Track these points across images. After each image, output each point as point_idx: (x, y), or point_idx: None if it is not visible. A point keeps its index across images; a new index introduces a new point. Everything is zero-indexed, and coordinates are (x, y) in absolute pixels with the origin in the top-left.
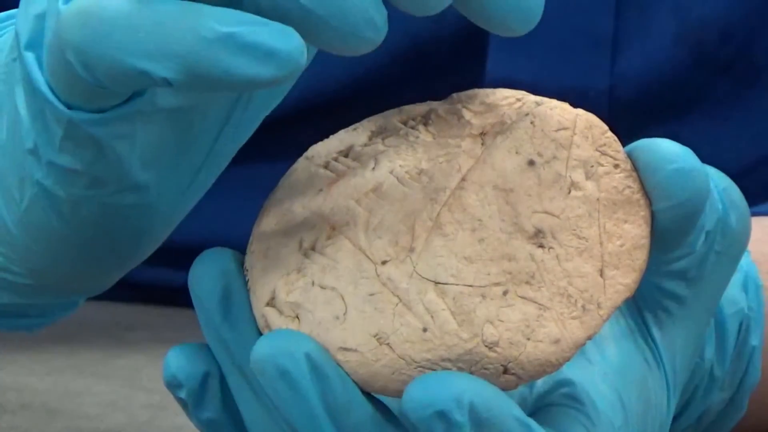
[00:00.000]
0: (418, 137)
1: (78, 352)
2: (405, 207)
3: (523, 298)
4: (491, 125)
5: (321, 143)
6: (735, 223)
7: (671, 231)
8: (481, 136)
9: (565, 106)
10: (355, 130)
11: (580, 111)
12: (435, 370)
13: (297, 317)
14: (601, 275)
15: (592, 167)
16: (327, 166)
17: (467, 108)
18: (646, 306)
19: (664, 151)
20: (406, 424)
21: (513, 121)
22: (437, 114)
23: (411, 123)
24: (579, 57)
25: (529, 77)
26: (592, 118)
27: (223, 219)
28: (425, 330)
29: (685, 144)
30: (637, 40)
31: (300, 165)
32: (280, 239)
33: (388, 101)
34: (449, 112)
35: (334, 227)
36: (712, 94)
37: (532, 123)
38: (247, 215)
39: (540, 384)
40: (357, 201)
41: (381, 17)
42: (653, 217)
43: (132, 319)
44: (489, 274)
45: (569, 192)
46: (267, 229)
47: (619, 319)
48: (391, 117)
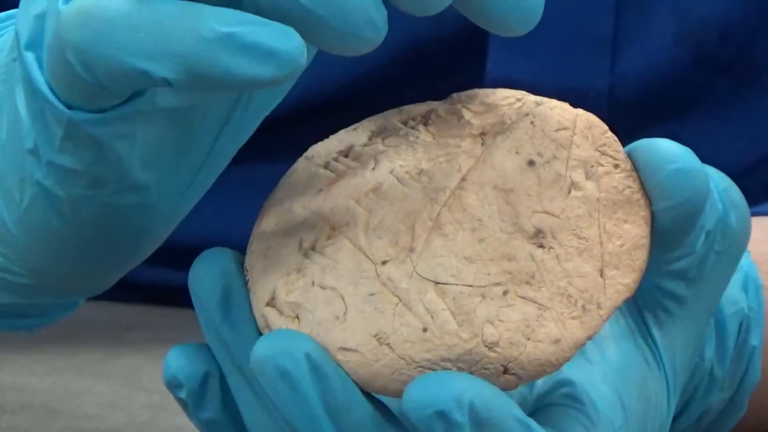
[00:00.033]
0: (418, 137)
1: (78, 352)
2: (405, 207)
3: (523, 298)
4: (491, 125)
5: (321, 143)
6: (735, 223)
7: (671, 231)
8: (481, 136)
9: (565, 106)
10: (355, 130)
11: (580, 111)
12: (435, 370)
13: (297, 317)
14: (601, 275)
15: (592, 167)
16: (327, 166)
17: (467, 108)
18: (646, 306)
19: (664, 151)
20: (406, 424)
21: (513, 121)
22: (437, 114)
23: (411, 123)
24: (579, 57)
25: (529, 77)
26: (592, 118)
27: (223, 219)
28: (425, 330)
29: (685, 144)
30: (637, 40)
31: (300, 165)
32: (280, 239)
33: (388, 101)
34: (449, 112)
35: (334, 227)
36: (712, 94)
37: (532, 123)
38: (247, 215)
39: (540, 384)
40: (357, 201)
41: (381, 17)
42: (653, 217)
43: (132, 319)
44: (489, 274)
45: (569, 192)
46: (267, 229)
47: (619, 319)
48: (391, 117)
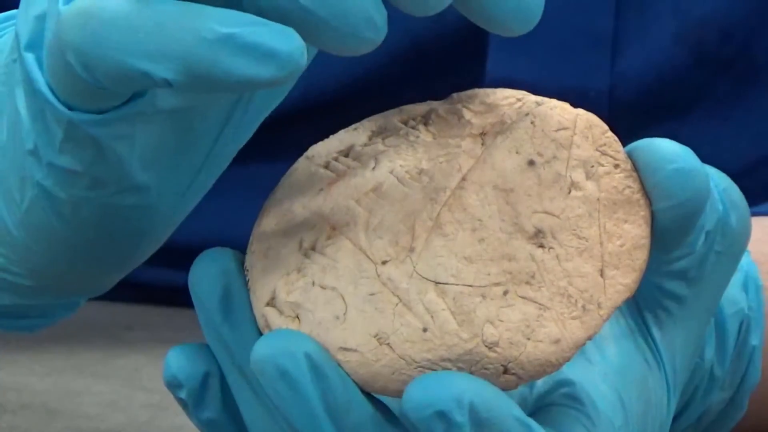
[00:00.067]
0: (418, 137)
1: (78, 352)
2: (405, 207)
3: (523, 298)
4: (491, 125)
5: (321, 143)
6: (735, 223)
7: (671, 231)
8: (482, 136)
9: (566, 106)
10: (356, 129)
11: (580, 111)
12: (435, 370)
13: (297, 317)
14: (602, 275)
15: (592, 167)
16: (327, 166)
17: (467, 108)
18: (646, 306)
19: (664, 151)
20: (406, 424)
21: (513, 121)
22: (437, 114)
23: (411, 123)
24: (579, 57)
25: (529, 77)
26: (592, 117)
27: (223, 219)
28: (425, 330)
29: (685, 144)
30: (637, 39)
31: (300, 165)
32: (280, 239)
33: (388, 101)
34: (449, 112)
35: (334, 227)
36: (712, 93)
37: (532, 123)
38: (247, 215)
39: (540, 384)
40: (357, 201)
41: (381, 17)
42: (653, 217)
43: (132, 319)
44: (489, 274)
45: (569, 192)
46: (267, 229)
47: (619, 319)
48: (392, 117)
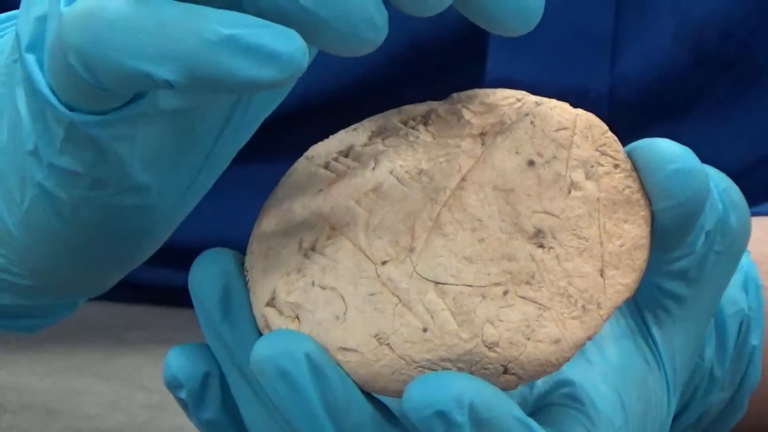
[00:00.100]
0: (418, 137)
1: (78, 352)
2: (405, 207)
3: (523, 298)
4: (491, 125)
5: (321, 143)
6: (735, 223)
7: (671, 231)
8: (481, 136)
9: (565, 106)
10: (355, 130)
11: (580, 111)
12: (435, 370)
13: (297, 317)
14: (601, 275)
15: (592, 167)
16: (327, 166)
17: (467, 108)
18: (646, 306)
19: (663, 151)
20: (406, 424)
21: (513, 121)
22: (437, 114)
23: (411, 123)
24: (579, 57)
25: (529, 77)
26: (592, 118)
27: (223, 219)
28: (425, 330)
29: (685, 144)
30: (637, 40)
31: (300, 165)
32: (280, 239)
33: (388, 101)
34: (449, 112)
35: (334, 227)
36: (712, 93)
37: (532, 123)
38: (247, 215)
39: (540, 384)
40: (357, 201)
41: (382, 18)
42: (653, 217)
43: (132, 319)
44: (489, 274)
45: (569, 192)
46: (267, 230)
47: (619, 319)
48: (391, 117)
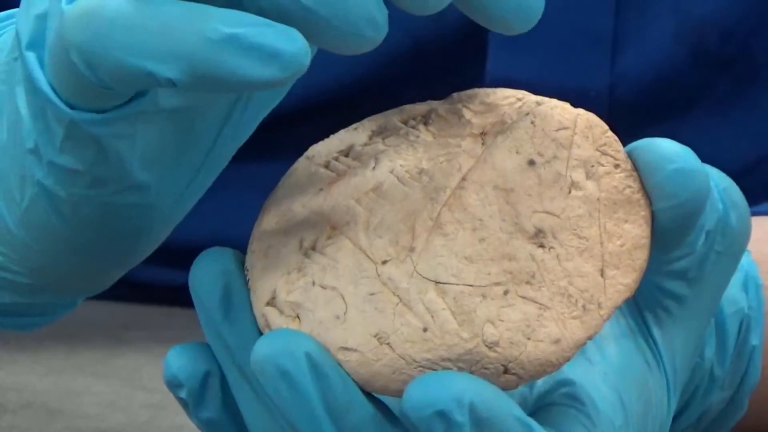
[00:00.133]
0: (418, 137)
1: (78, 351)
2: (405, 206)
3: (524, 297)
4: (492, 125)
5: (321, 143)
6: (735, 223)
7: (671, 231)
8: (482, 135)
9: (566, 105)
10: (356, 129)
11: (580, 111)
12: (435, 369)
13: (297, 317)
14: (602, 275)
15: (592, 167)
16: (327, 165)
17: (468, 107)
18: (646, 306)
19: (664, 151)
20: (406, 423)
21: (513, 121)
22: (438, 113)
23: (411, 122)
24: (579, 56)
25: (529, 77)
26: (592, 117)
27: (223, 218)
28: (425, 330)
29: (685, 143)
30: (637, 39)
31: (300, 164)
32: (280, 239)
33: (388, 101)
34: (450, 111)
35: (334, 227)
36: (712, 93)
37: (532, 123)
38: (248, 215)
39: (540, 384)
40: (357, 200)
41: (382, 16)
42: (653, 217)
43: (132, 319)
44: (489, 273)
45: (570, 192)
46: (267, 229)
47: (620, 319)
48: (392, 116)
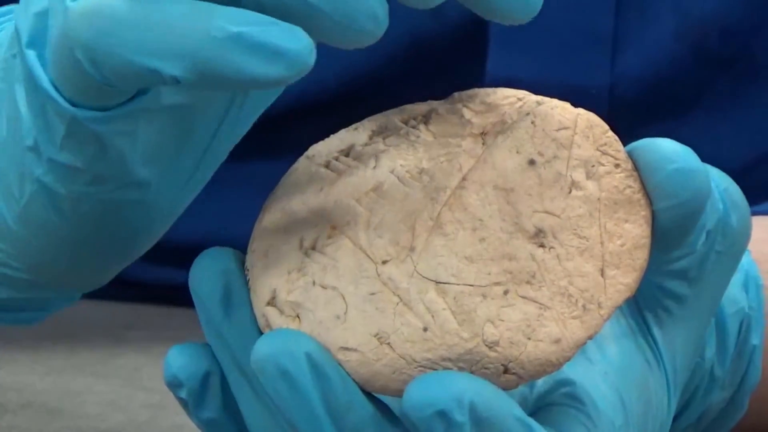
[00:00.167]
0: (418, 136)
1: (78, 351)
2: (406, 206)
3: (524, 297)
4: (492, 125)
5: (322, 142)
6: (736, 223)
7: (672, 231)
8: (482, 135)
9: (566, 105)
10: (356, 129)
11: (581, 110)
12: (435, 369)
13: (298, 317)
14: (602, 275)
15: (592, 167)
16: (328, 165)
17: (468, 107)
18: (646, 305)
19: (664, 151)
20: (406, 423)
21: (514, 121)
22: (438, 113)
23: (412, 122)
24: (579, 56)
25: (530, 76)
26: (593, 117)
27: (224, 218)
28: (426, 329)
29: (686, 142)
30: (638, 38)
31: (301, 164)
32: (280, 238)
33: (388, 100)
34: (450, 111)
35: (334, 226)
36: (712, 92)
37: (532, 122)
38: (248, 214)
39: (540, 384)
40: (358, 200)
41: (382, 10)
42: (654, 217)
43: (132, 319)
44: (490, 273)
45: (570, 191)
46: (268, 228)
47: (620, 319)
48: (392, 116)
